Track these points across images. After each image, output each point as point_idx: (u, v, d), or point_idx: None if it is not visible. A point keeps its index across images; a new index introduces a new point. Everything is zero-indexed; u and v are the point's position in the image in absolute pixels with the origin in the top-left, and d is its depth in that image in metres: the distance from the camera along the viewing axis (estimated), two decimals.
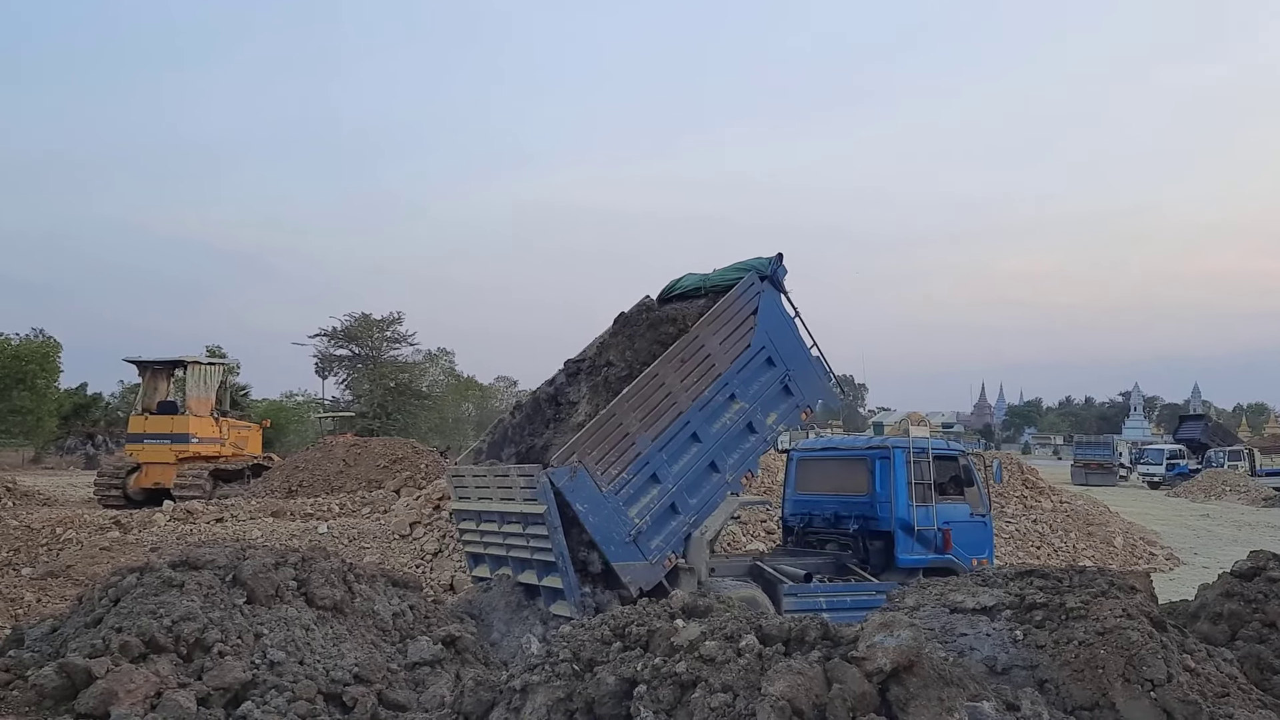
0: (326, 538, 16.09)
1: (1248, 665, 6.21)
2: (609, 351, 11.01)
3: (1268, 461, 52.08)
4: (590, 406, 10.63)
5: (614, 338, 11.19)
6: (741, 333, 10.32)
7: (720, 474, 10.12)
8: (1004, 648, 5.62)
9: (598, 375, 10.91)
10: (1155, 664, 5.12)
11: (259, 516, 18.89)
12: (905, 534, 11.36)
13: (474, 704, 5.42)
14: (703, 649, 4.89)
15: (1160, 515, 31.87)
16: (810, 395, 10.86)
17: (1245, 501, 40.07)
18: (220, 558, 7.64)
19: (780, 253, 10.78)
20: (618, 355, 10.84)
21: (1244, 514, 34.92)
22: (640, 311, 11.31)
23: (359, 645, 7.52)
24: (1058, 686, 5.26)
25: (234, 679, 6.57)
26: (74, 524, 17.28)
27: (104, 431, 56.81)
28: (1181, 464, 53.53)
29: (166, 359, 29.14)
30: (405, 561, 14.84)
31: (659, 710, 4.71)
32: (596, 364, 11.07)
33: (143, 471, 27.21)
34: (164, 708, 6.15)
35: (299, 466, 26.91)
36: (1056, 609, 5.71)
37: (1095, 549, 20.34)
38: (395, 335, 59.92)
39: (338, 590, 7.80)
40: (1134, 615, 5.49)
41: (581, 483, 9.17)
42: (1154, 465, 55.20)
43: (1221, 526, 29.55)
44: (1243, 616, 7.20)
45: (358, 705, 6.77)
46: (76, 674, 6.27)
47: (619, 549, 9.42)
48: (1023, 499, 22.36)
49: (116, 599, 7.22)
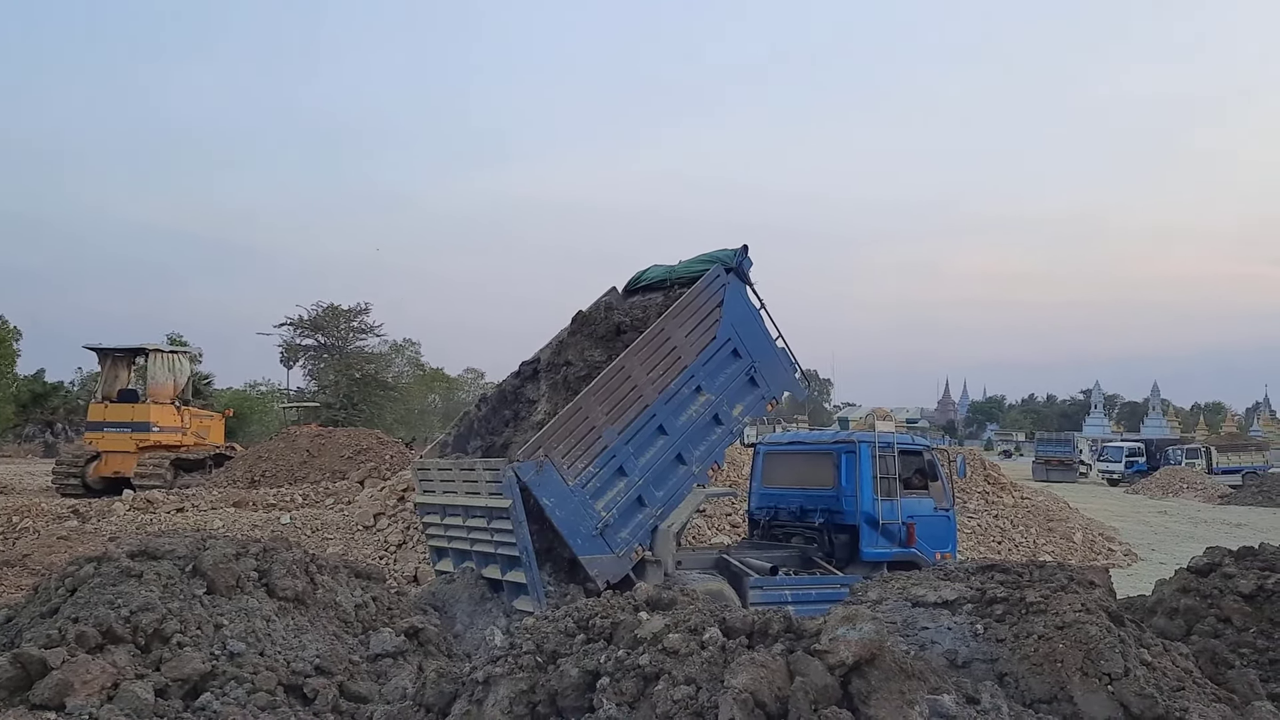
0: (289, 528, 15.97)
1: (1203, 659, 6.31)
2: (568, 351, 10.95)
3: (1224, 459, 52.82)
4: (549, 405, 10.56)
5: (572, 336, 11.14)
6: (707, 325, 10.31)
7: (687, 466, 10.12)
8: (965, 641, 5.67)
9: (556, 374, 10.84)
10: (1113, 658, 5.18)
11: (221, 507, 18.74)
12: (870, 528, 11.43)
13: (436, 696, 5.39)
14: (666, 641, 4.89)
15: (1119, 512, 32.30)
16: (776, 386, 10.88)
17: (1202, 499, 40.72)
18: (180, 548, 7.56)
19: (745, 244, 10.76)
20: (576, 355, 10.78)
21: (1201, 511, 35.47)
22: (599, 310, 11.28)
23: (320, 636, 7.47)
24: (1017, 680, 5.32)
25: (193, 670, 6.50)
26: (31, 513, 17.05)
27: (63, 419, 56.02)
28: (1140, 462, 54.34)
29: (127, 346, 28.80)
30: (369, 553, 14.75)
31: (622, 702, 4.71)
32: (555, 363, 11.01)
33: (102, 460, 26.90)
34: (121, 699, 6.07)
35: (262, 456, 26.72)
36: (1017, 603, 5.77)
37: (1055, 544, 20.56)
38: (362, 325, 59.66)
39: (299, 581, 7.74)
40: (1092, 610, 5.55)
41: (548, 476, 9.13)
42: (1113, 463, 55.94)
43: (1179, 523, 29.98)
44: (1198, 611, 7.31)
45: (319, 697, 6.72)
46: (31, 664, 6.17)
47: (586, 542, 9.39)
48: (985, 495, 22.56)
49: (73, 589, 7.12)
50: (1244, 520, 30.96)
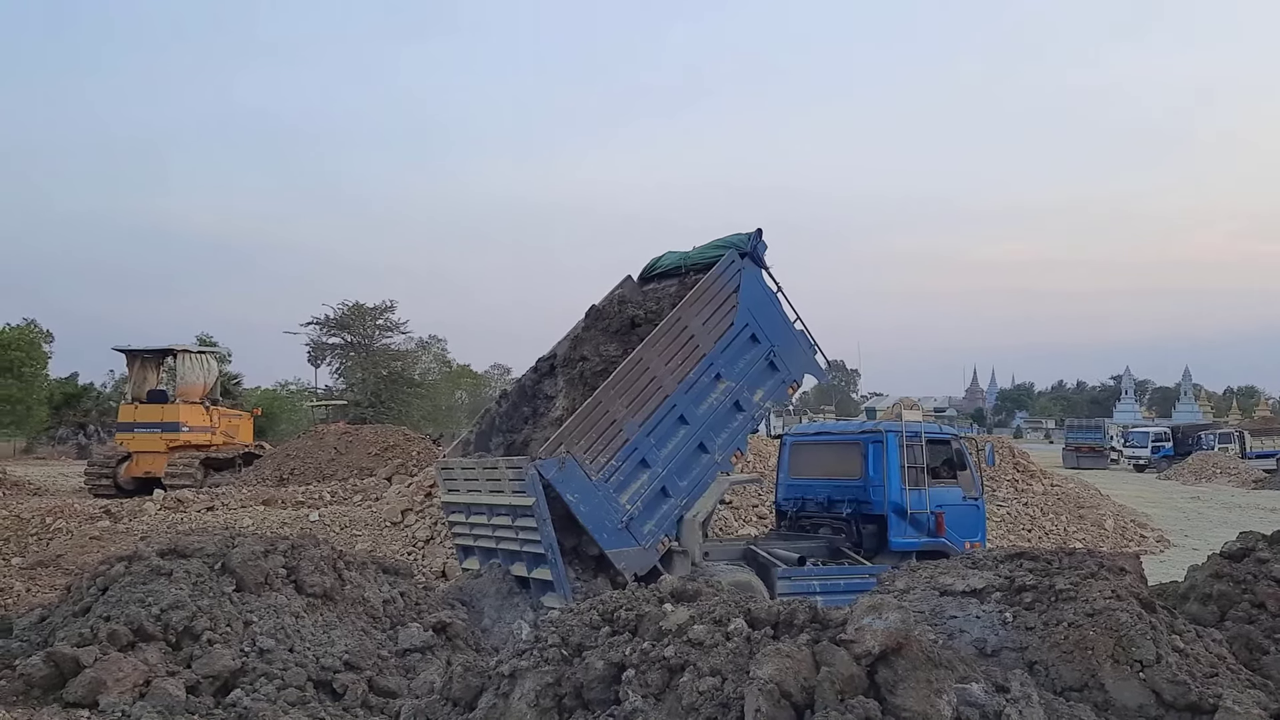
0: (318, 525, 16.06)
1: (1236, 645, 6.21)
2: (583, 346, 10.92)
3: (1258, 444, 52.17)
4: (567, 401, 10.54)
5: (587, 331, 11.11)
6: (724, 311, 10.25)
7: (710, 454, 10.10)
8: (993, 630, 5.63)
9: (572, 369, 10.81)
10: (1144, 645, 5.12)
11: (250, 505, 18.87)
12: (898, 517, 11.37)
13: (463, 690, 5.40)
14: (691, 633, 4.88)
15: (1151, 498, 32.00)
16: (796, 370, 10.82)
17: (1235, 484, 40.27)
18: (209, 546, 7.62)
19: (759, 228, 10.66)
20: (592, 350, 10.75)
21: (1234, 496, 35.09)
22: (613, 304, 11.24)
23: (349, 632, 7.51)
24: (1047, 668, 5.27)
25: (223, 667, 6.56)
26: (64, 513, 17.23)
27: (96, 421, 56.62)
28: (1166, 446, 53.72)
29: (156, 348, 29.06)
30: (397, 549, 14.82)
31: (647, 694, 4.70)
32: (571, 358, 10.98)
33: (133, 460, 27.16)
34: (153, 696, 6.14)
35: (290, 454, 26.90)
36: (1046, 591, 5.72)
37: (1086, 531, 20.40)
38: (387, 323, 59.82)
39: (328, 577, 7.79)
40: (1123, 597, 5.49)
41: (571, 473, 9.13)
42: (1139, 448, 55.32)
43: (1211, 508, 29.68)
44: (1232, 597, 7.20)
45: (348, 692, 6.76)
46: (65, 663, 6.25)
47: (612, 536, 9.39)
48: (1014, 482, 22.41)
49: (105, 588, 7.20)
50: (1278, 505, 30.58)
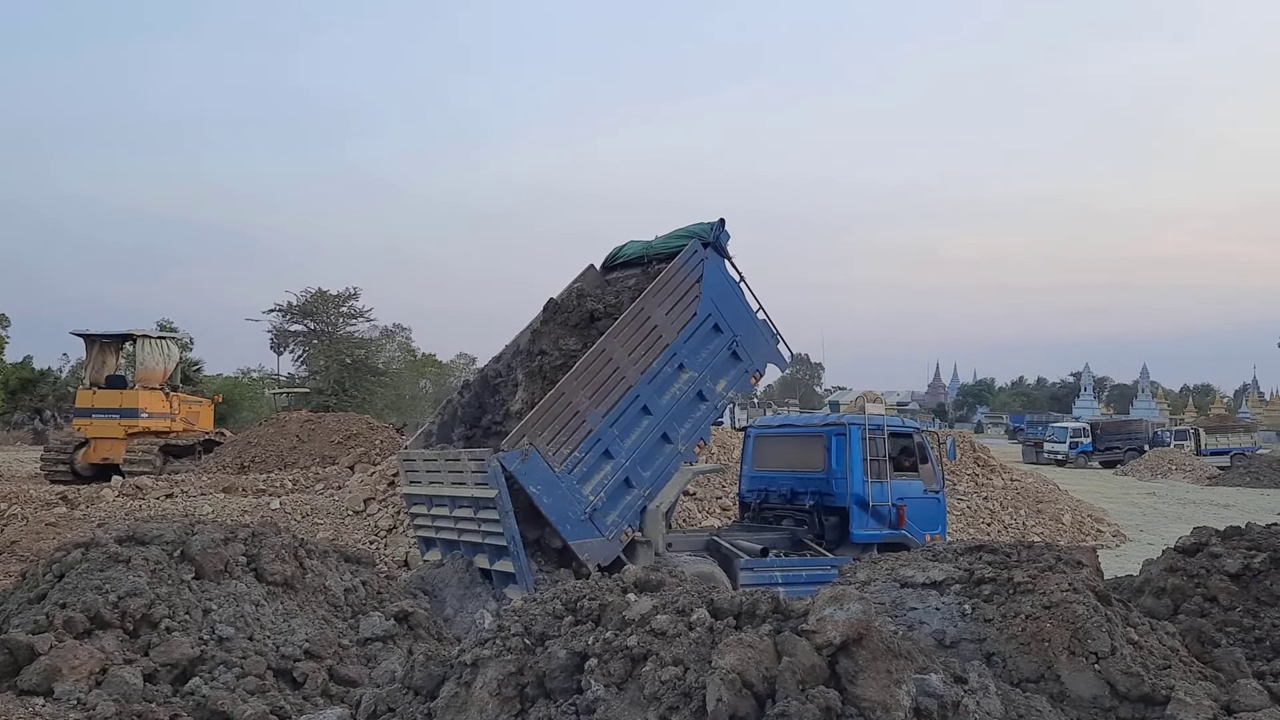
0: (279, 514, 15.94)
1: (1189, 638, 6.33)
2: (542, 340, 10.89)
3: (1212, 441, 53.10)
4: (526, 394, 10.51)
5: (545, 325, 11.08)
6: (687, 301, 10.26)
7: (673, 444, 10.12)
8: (953, 621, 5.69)
9: (532, 362, 10.78)
10: (1100, 637, 5.20)
11: (210, 492, 18.69)
12: (860, 509, 11.45)
13: (424, 678, 5.38)
14: (654, 623, 4.88)
15: (1108, 494, 32.45)
16: (759, 359, 10.87)
17: (1191, 480, 40.93)
18: (168, 533, 7.54)
19: (722, 218, 10.70)
20: (550, 344, 10.72)
21: (1189, 492, 35.66)
22: (571, 297, 11.21)
23: (310, 621, 7.46)
24: (1005, 659, 5.34)
25: (182, 655, 6.50)
26: (19, 499, 16.98)
27: (53, 406, 55.79)
28: (1085, 443, 54.25)
29: (115, 333, 28.66)
30: (359, 538, 14.74)
31: (610, 683, 4.71)
32: (530, 351, 10.95)
33: (91, 446, 26.80)
34: (109, 684, 6.06)
35: (252, 442, 26.66)
36: (1004, 583, 5.78)
37: (1044, 526, 20.66)
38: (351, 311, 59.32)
39: (288, 566, 7.73)
40: (1080, 589, 5.57)
41: (534, 464, 9.11)
42: (1058, 443, 55.83)
43: (1167, 504, 30.14)
44: (1185, 591, 7.34)
45: (308, 680, 6.72)
46: (19, 650, 6.15)
47: (575, 528, 9.39)
48: (974, 477, 22.64)
49: (61, 574, 7.10)
50: (1232, 501, 31.14)
